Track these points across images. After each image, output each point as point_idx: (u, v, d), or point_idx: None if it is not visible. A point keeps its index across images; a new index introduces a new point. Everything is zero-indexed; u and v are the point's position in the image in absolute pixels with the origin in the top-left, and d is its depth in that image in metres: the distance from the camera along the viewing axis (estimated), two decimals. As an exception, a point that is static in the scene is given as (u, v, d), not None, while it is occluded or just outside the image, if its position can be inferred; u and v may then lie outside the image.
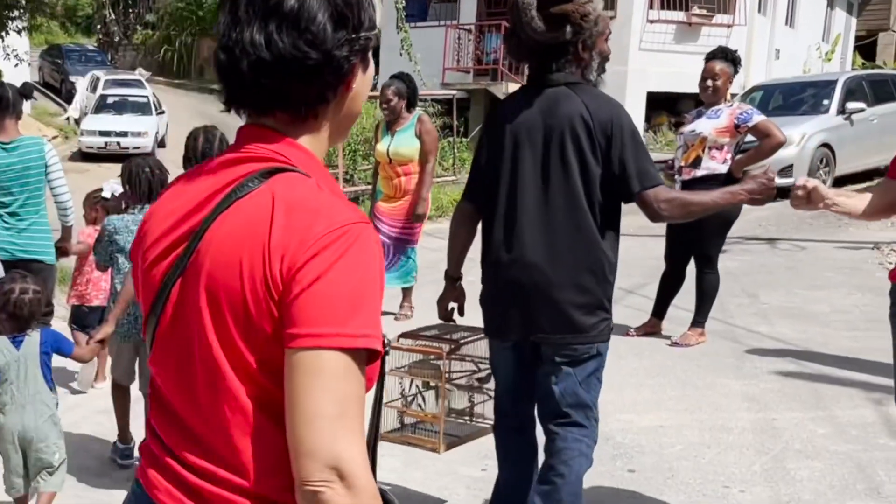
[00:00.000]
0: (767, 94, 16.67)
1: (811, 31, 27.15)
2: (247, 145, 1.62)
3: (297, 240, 1.47)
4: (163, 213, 1.67)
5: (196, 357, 1.58)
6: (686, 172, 6.85)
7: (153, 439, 1.69)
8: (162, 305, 1.63)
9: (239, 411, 1.55)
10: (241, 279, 1.50)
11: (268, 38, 1.52)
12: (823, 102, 15.44)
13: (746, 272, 9.14)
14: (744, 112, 6.71)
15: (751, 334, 7.28)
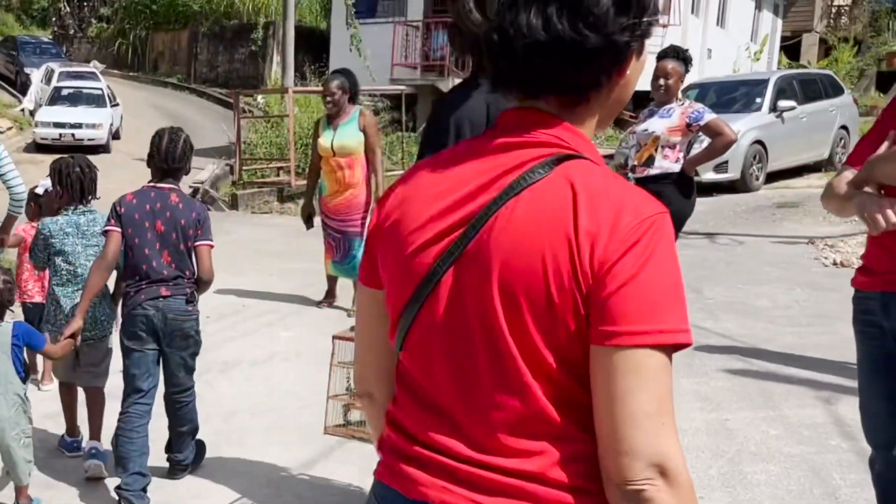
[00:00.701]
0: (703, 92, 16.50)
1: (740, 32, 27.18)
2: (522, 129, 1.48)
3: (608, 231, 1.35)
4: (425, 198, 1.52)
5: (477, 347, 1.44)
6: (640, 171, 6.57)
7: (399, 435, 1.56)
8: (428, 293, 1.48)
9: (528, 402, 1.42)
10: (543, 270, 1.37)
11: (546, 20, 1.39)
12: (756, 100, 15.39)
13: (689, 267, 8.86)
14: (695, 111, 6.45)
15: (698, 330, 7.02)
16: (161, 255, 4.28)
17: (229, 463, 4.74)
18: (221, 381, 5.96)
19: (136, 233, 4.24)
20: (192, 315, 4.38)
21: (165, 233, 4.27)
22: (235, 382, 5.98)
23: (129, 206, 4.29)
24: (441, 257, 1.47)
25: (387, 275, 1.58)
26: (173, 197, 4.34)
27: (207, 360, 4.89)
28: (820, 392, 5.62)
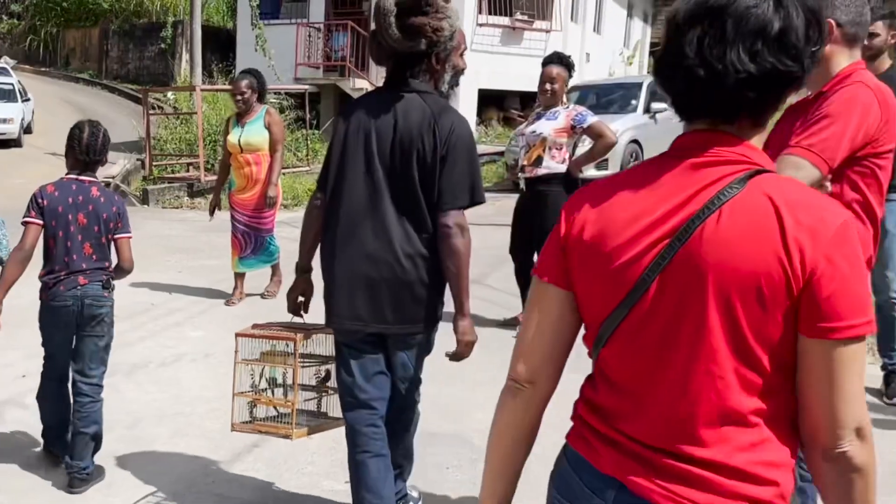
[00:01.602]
0: (583, 94, 16.48)
1: (615, 38, 27.37)
2: (710, 149, 1.56)
3: (812, 237, 1.45)
4: (624, 216, 1.59)
5: (682, 344, 1.53)
6: (529, 171, 6.51)
7: (597, 417, 1.67)
8: (637, 298, 1.56)
9: (737, 385, 1.50)
10: (756, 274, 1.46)
11: (753, 55, 1.48)
12: (631, 102, 15.44)
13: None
14: (579, 114, 6.40)
15: (587, 325, 6.87)
16: (83, 248, 4.08)
17: (134, 473, 4.31)
18: (127, 384, 5.50)
19: (59, 225, 4.04)
20: (107, 301, 4.15)
21: (87, 225, 4.08)
22: (142, 386, 5.52)
23: (51, 198, 4.06)
24: (649, 267, 1.54)
25: (585, 284, 1.65)
26: (94, 190, 4.14)
27: (114, 362, 4.49)
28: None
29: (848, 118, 2.61)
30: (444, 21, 3.15)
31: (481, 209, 3.24)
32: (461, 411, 5.08)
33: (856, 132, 2.61)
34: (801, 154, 2.60)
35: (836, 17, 2.74)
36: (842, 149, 2.61)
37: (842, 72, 2.74)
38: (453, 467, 4.38)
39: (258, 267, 7.68)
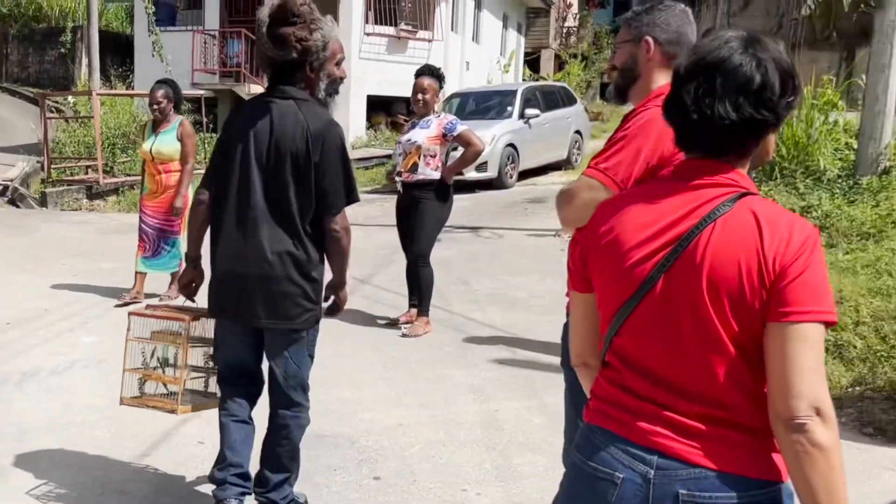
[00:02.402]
0: (463, 100, 16.49)
1: (492, 47, 27.43)
2: (706, 174, 1.78)
3: (784, 246, 1.68)
4: (635, 225, 1.81)
5: (685, 328, 1.74)
6: (406, 177, 6.44)
7: (621, 393, 1.83)
8: (645, 293, 1.77)
9: (727, 364, 1.72)
10: (739, 274, 1.68)
11: (736, 107, 1.72)
12: (507, 108, 15.47)
13: (458, 260, 8.62)
14: (449, 122, 6.36)
15: (468, 322, 6.75)
16: None
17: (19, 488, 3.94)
18: (16, 395, 5.11)
19: None
20: None
21: None
22: (31, 396, 5.12)
23: None
24: (656, 267, 1.77)
25: (602, 281, 1.88)
26: None
27: (5, 371, 4.18)
28: (574, 379, 5.43)
29: (643, 140, 2.54)
30: (312, 31, 3.14)
31: (369, 210, 3.16)
32: (347, 412, 4.91)
33: (650, 154, 2.54)
34: (595, 176, 2.57)
35: (655, 35, 2.70)
36: (636, 170, 2.54)
37: (657, 90, 2.67)
38: (340, 469, 4.20)
39: (159, 270, 7.40)
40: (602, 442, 1.84)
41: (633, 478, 1.77)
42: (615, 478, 1.79)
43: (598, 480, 1.82)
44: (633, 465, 1.77)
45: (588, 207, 2.43)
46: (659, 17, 2.71)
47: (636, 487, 1.76)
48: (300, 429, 3.55)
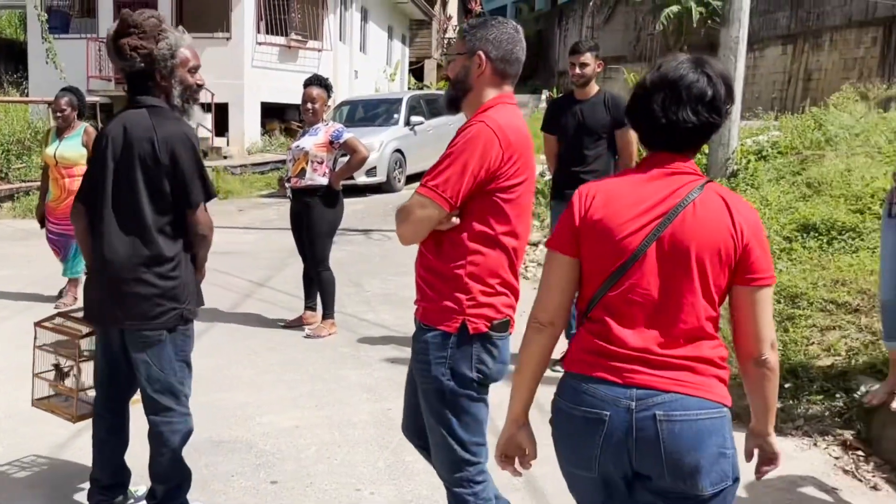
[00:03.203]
0: (353, 108, 16.29)
1: (379, 57, 27.25)
2: (675, 165, 2.11)
3: (747, 223, 2.05)
4: (625, 204, 2.08)
5: (671, 287, 2.05)
6: (294, 182, 6.27)
7: (610, 344, 2.08)
8: (636, 260, 2.05)
9: (699, 314, 2.04)
10: (717, 243, 2.03)
11: (696, 114, 2.06)
12: (394, 116, 15.35)
13: (350, 262, 8.44)
14: (336, 130, 6.21)
15: (361, 322, 6.61)
16: None
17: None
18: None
19: None
20: None
21: None
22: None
23: None
24: (646, 238, 2.04)
25: (597, 250, 2.10)
26: None
27: None
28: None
29: (469, 156, 2.49)
30: (157, 41, 3.05)
31: (266, 214, 3.01)
32: (245, 416, 4.71)
33: (477, 168, 2.49)
34: (426, 194, 2.51)
35: (487, 51, 2.63)
36: (464, 185, 2.50)
37: (486, 103, 2.64)
38: (238, 475, 4.00)
39: (67, 275, 7.06)
40: (588, 388, 2.09)
41: (617, 413, 2.04)
42: (603, 416, 2.06)
43: (588, 421, 2.08)
44: (617, 403, 2.04)
45: (421, 224, 2.54)
46: (492, 34, 2.64)
47: (621, 420, 2.03)
48: (175, 434, 3.30)
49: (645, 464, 2.04)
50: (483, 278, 2.57)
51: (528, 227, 2.71)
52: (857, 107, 10.56)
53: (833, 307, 5.29)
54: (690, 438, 1.99)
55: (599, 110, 5.37)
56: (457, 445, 2.67)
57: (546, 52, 37.15)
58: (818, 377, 4.66)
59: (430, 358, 2.59)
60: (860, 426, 4.30)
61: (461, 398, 2.62)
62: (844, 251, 6.19)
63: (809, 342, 5.01)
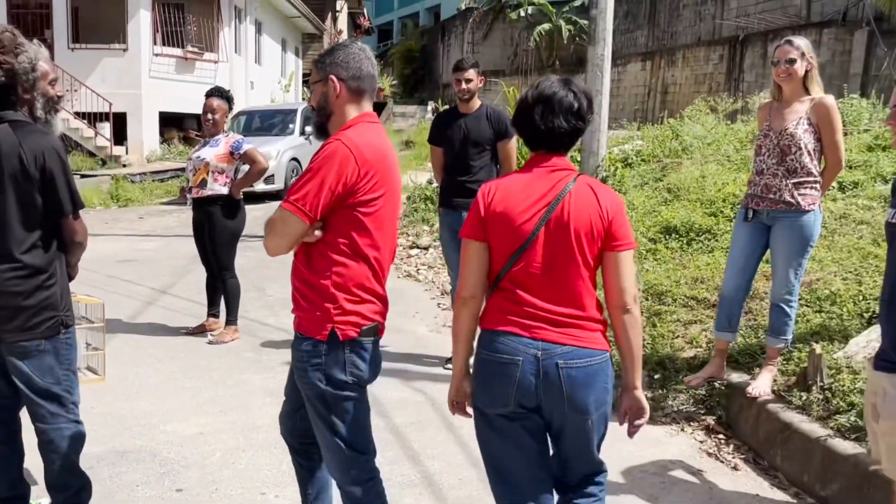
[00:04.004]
0: (249, 118, 15.89)
1: (274, 68, 26.70)
2: (553, 163, 2.52)
3: (609, 206, 2.45)
4: (518, 197, 2.47)
5: (559, 260, 2.44)
6: (195, 192, 6.04)
7: (519, 307, 2.46)
8: (531, 241, 2.44)
9: (582, 280, 2.45)
10: (590, 223, 2.43)
11: (567, 122, 2.48)
12: (290, 126, 15.09)
13: (253, 267, 8.20)
14: (236, 141, 6.01)
15: (264, 327, 6.43)
16: None
17: None
18: None
19: None
20: None
21: None
22: None
23: None
24: (538, 223, 2.43)
25: (498, 235, 2.47)
26: None
27: None
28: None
29: (327, 172, 2.50)
30: (16, 55, 2.86)
31: (167, 221, 2.85)
32: (149, 425, 4.49)
33: (335, 183, 2.50)
34: (287, 208, 2.52)
35: (338, 74, 2.64)
36: (322, 199, 2.51)
37: (349, 122, 2.64)
38: (143, 484, 3.81)
39: None
40: (503, 340, 2.46)
41: (528, 359, 2.43)
42: (517, 360, 2.44)
43: (505, 365, 2.45)
44: (528, 351, 2.43)
45: (284, 237, 2.56)
46: (339, 58, 2.66)
47: (531, 364, 2.42)
48: (65, 440, 3.09)
49: (549, 399, 2.44)
50: (348, 288, 2.59)
51: (391, 238, 2.72)
52: (708, 118, 10.96)
53: (694, 303, 5.47)
54: (584, 380, 2.43)
55: (483, 123, 5.38)
56: (344, 446, 2.67)
57: (431, 66, 37.26)
58: (683, 368, 4.80)
59: (307, 365, 2.61)
60: (721, 412, 4.46)
61: (341, 401, 2.64)
62: (702, 251, 6.40)
63: (675, 336, 5.16)
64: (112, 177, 15.21)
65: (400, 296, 7.54)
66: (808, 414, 3.93)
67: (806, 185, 4.17)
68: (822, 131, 4.16)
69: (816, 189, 4.21)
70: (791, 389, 4.16)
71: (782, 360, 4.42)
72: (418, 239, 9.58)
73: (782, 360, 4.42)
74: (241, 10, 22.76)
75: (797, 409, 4.01)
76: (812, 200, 4.17)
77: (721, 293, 4.56)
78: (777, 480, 3.87)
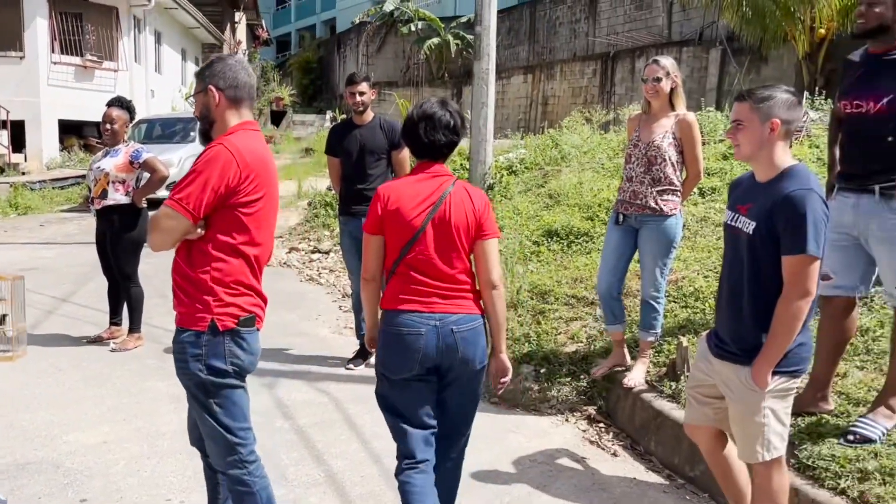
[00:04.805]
0: (150, 126, 15.26)
1: (174, 77, 25.74)
2: (434, 169, 2.87)
3: (479, 204, 2.84)
4: (409, 197, 2.80)
5: (446, 250, 2.81)
6: (97, 203, 5.77)
7: (415, 286, 2.81)
8: (420, 234, 2.78)
9: (462, 262, 2.84)
10: (466, 219, 2.81)
11: (445, 136, 2.85)
12: (190, 134, 14.55)
13: (156, 273, 7.78)
14: (136, 150, 5.75)
15: (167, 333, 6.06)
16: None
17: None
18: None
19: None
20: None
21: None
22: None
23: None
24: (425, 220, 2.78)
25: (392, 229, 2.81)
26: None
27: None
28: (262, 379, 5.12)
29: (209, 174, 2.52)
30: None
31: (67, 229, 2.71)
32: (52, 435, 4.23)
33: (217, 184, 2.52)
34: (171, 206, 2.52)
35: (217, 84, 2.67)
36: (205, 198, 2.53)
37: (229, 129, 2.66)
38: (45, 496, 3.57)
39: None
40: (407, 316, 2.78)
41: (429, 329, 2.77)
42: (420, 331, 2.77)
43: (409, 336, 2.77)
44: (428, 322, 2.77)
45: (168, 233, 2.56)
46: (217, 69, 2.69)
47: (431, 333, 2.77)
48: None
49: (447, 358, 2.80)
50: (226, 282, 2.61)
51: (269, 237, 2.76)
52: (584, 129, 11.20)
53: (574, 301, 5.57)
54: (472, 338, 2.81)
55: (378, 133, 5.34)
56: (224, 432, 2.69)
57: (328, 76, 36.75)
58: (566, 362, 4.88)
59: (187, 356, 2.62)
60: (601, 402, 4.55)
61: (221, 388, 2.66)
62: (580, 253, 6.54)
63: (558, 332, 5.24)
64: (11, 185, 14.29)
65: (302, 299, 7.38)
66: (678, 402, 4.06)
67: (668, 192, 4.31)
68: (684, 145, 4.31)
69: (678, 196, 4.35)
70: (662, 380, 4.30)
71: (654, 352, 4.56)
72: (319, 244, 9.42)
73: (654, 352, 4.56)
74: (141, 20, 21.80)
75: (668, 398, 4.14)
76: (674, 206, 4.32)
77: (598, 292, 4.66)
78: (652, 464, 3.98)
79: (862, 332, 4.13)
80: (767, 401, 2.65)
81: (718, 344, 2.80)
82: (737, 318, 2.72)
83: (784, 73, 14.77)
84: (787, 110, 2.66)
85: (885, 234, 3.33)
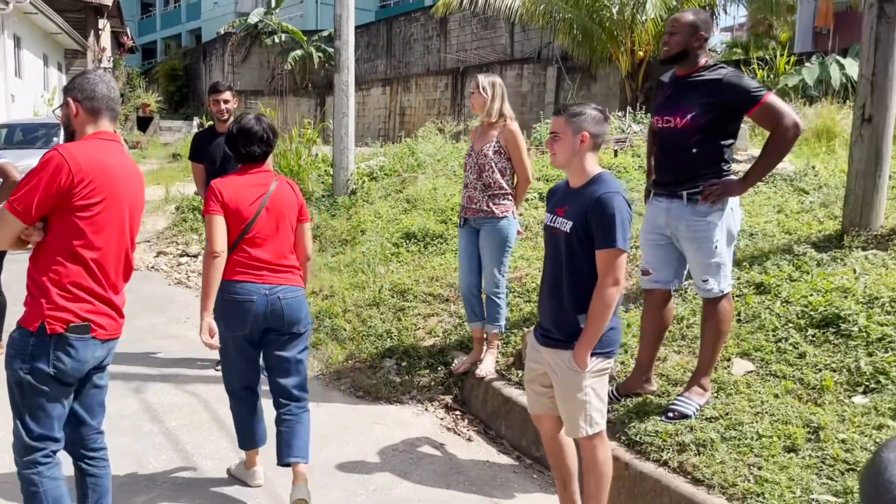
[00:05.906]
0: (10, 131, 13.95)
1: (35, 82, 23.67)
2: (262, 169, 3.26)
3: (299, 196, 3.27)
4: (244, 189, 3.18)
5: (280, 228, 3.20)
6: None
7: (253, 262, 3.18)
8: (255, 218, 3.14)
9: (288, 243, 3.24)
10: (292, 207, 3.23)
11: (259, 147, 3.27)
12: (54, 139, 13.40)
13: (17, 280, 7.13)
14: None
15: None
16: None
17: None
18: None
19: None
20: None
21: None
22: None
23: None
24: (259, 208, 3.16)
25: (232, 215, 3.15)
26: None
27: None
28: (130, 383, 4.78)
29: (42, 177, 2.44)
30: None
31: None
32: None
33: (49, 186, 2.43)
34: (7, 208, 2.45)
35: (76, 97, 2.62)
36: (35, 200, 2.44)
37: (83, 138, 2.60)
38: None
39: None
40: (242, 286, 3.14)
41: (260, 298, 3.14)
42: (253, 298, 3.14)
43: (243, 303, 3.15)
44: (259, 292, 3.15)
45: (6, 234, 2.47)
46: (77, 83, 2.64)
47: (262, 301, 3.15)
48: None
49: (275, 322, 3.20)
50: (63, 285, 2.51)
51: (116, 242, 2.62)
52: (438, 138, 11.28)
53: (431, 298, 5.57)
54: (297, 307, 3.22)
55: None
56: (25, 433, 2.58)
57: (194, 84, 35.06)
58: (425, 355, 4.87)
59: (14, 352, 2.52)
60: (456, 391, 4.57)
61: (36, 392, 2.54)
62: (436, 253, 6.55)
63: (417, 328, 5.22)
64: None
65: (170, 302, 6.97)
66: (524, 389, 4.13)
67: (499, 196, 4.38)
68: (510, 153, 4.39)
69: (509, 199, 4.41)
70: (510, 368, 4.36)
71: (502, 343, 4.62)
72: (188, 247, 8.93)
73: (502, 343, 4.62)
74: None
75: (515, 385, 4.21)
76: (505, 209, 4.38)
77: (460, 291, 4.67)
78: (503, 447, 4.03)
79: (678, 319, 4.36)
80: (588, 380, 2.73)
81: (543, 333, 2.86)
82: (558, 307, 2.79)
83: (611, 89, 15.54)
84: (594, 125, 2.77)
85: (691, 234, 3.52)
